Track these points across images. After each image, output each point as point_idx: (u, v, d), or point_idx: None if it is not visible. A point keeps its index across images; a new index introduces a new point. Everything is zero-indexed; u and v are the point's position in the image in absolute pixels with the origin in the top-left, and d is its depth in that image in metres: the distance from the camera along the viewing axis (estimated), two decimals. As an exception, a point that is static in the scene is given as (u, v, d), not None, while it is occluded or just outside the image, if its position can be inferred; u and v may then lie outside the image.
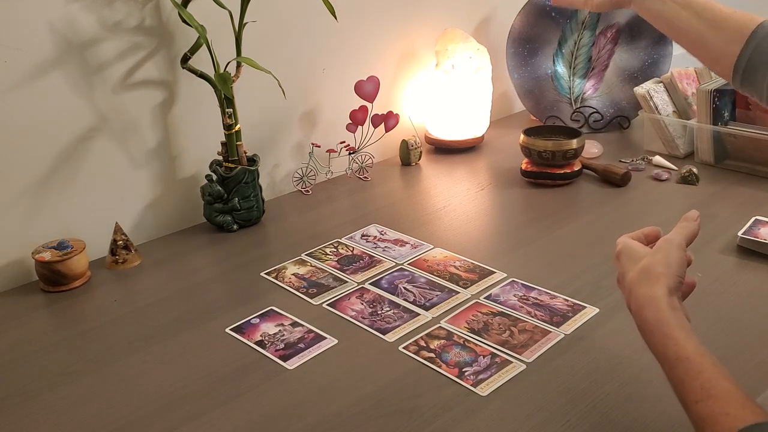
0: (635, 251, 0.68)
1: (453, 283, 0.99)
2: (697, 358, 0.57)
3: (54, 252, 1.02)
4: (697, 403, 0.54)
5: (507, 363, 0.80)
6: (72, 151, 1.09)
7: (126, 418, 0.76)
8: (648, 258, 0.66)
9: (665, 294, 0.62)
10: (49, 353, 0.88)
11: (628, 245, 0.70)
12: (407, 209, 1.26)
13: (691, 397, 0.55)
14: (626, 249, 0.69)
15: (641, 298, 0.63)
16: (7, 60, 0.99)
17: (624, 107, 1.59)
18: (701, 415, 0.54)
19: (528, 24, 1.59)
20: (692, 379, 0.56)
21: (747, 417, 0.51)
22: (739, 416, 0.51)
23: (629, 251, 0.69)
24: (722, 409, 0.52)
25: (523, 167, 1.34)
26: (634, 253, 0.68)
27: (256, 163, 1.20)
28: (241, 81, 1.15)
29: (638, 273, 0.65)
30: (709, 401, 0.54)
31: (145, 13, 1.11)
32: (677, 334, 0.59)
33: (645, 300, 0.63)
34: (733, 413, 0.52)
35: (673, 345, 0.59)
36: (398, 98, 1.54)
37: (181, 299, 1.00)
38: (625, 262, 0.68)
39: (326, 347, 0.86)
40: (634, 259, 0.67)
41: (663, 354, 0.59)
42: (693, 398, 0.55)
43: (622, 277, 0.68)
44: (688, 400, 0.56)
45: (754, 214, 1.10)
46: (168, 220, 1.22)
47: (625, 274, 0.67)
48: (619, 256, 0.70)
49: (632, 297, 0.65)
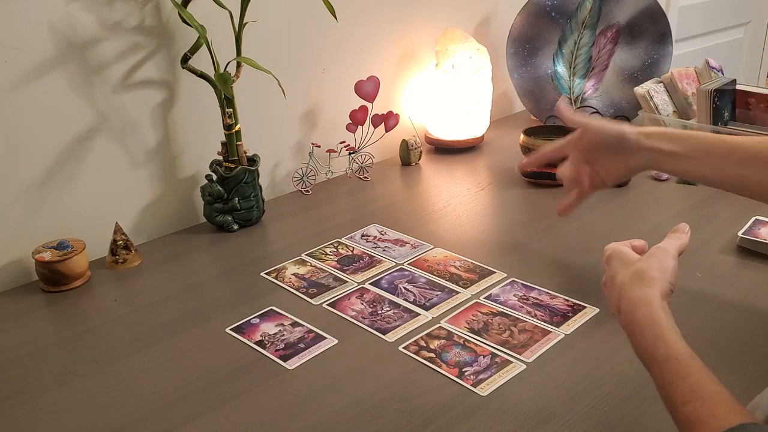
0: (627, 256, 0.69)
1: (453, 283, 0.99)
2: (687, 360, 0.57)
3: (54, 252, 1.02)
4: (685, 405, 0.54)
5: (507, 363, 0.80)
6: (72, 151, 1.09)
7: (126, 418, 0.76)
8: (642, 262, 0.66)
9: (658, 297, 0.62)
10: (49, 353, 0.88)
11: (619, 250, 0.70)
12: (407, 209, 1.26)
13: (679, 398, 0.55)
14: (617, 253, 0.70)
15: (633, 298, 0.63)
16: (7, 60, 0.99)
17: (624, 107, 1.59)
18: (688, 417, 0.54)
19: (528, 24, 1.59)
20: (681, 381, 0.56)
21: (734, 419, 0.51)
22: (726, 418, 0.51)
23: (621, 255, 0.69)
24: (710, 411, 0.52)
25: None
26: (626, 257, 0.69)
27: (256, 163, 1.20)
28: (241, 81, 1.15)
29: (631, 275, 0.65)
30: (698, 403, 0.53)
31: (145, 13, 1.11)
32: (668, 335, 0.59)
33: (638, 300, 0.63)
34: (721, 415, 0.52)
35: (663, 346, 0.58)
36: (398, 98, 1.54)
37: (181, 299, 1.00)
38: (615, 265, 0.69)
39: (326, 347, 0.86)
40: (625, 263, 0.68)
41: (652, 355, 0.59)
42: (681, 399, 0.55)
43: (611, 280, 0.68)
44: (676, 402, 0.55)
45: (754, 214, 1.10)
46: (168, 220, 1.22)
47: (615, 276, 0.67)
48: (609, 260, 0.70)
49: (623, 298, 0.64)
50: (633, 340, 0.62)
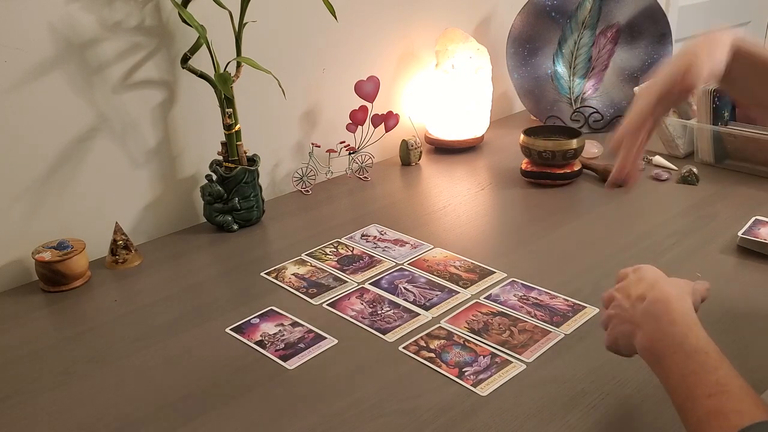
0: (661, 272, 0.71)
1: (453, 283, 0.99)
2: (716, 355, 0.58)
3: (54, 252, 1.02)
4: (710, 397, 0.54)
5: (507, 363, 0.80)
6: (72, 151, 1.09)
7: (126, 418, 0.76)
8: (675, 279, 0.69)
9: (691, 302, 0.65)
10: (49, 353, 0.88)
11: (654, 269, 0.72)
12: (407, 209, 1.26)
13: (703, 390, 0.55)
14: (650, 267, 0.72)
15: (670, 291, 0.65)
16: (7, 60, 0.99)
17: (624, 107, 1.59)
18: (711, 410, 0.54)
19: (528, 24, 1.59)
20: (708, 373, 0.56)
21: (758, 416, 0.51)
22: (750, 414, 0.51)
23: (654, 268, 0.71)
24: (734, 406, 0.53)
25: (523, 167, 1.34)
26: (659, 271, 0.71)
27: (256, 163, 1.20)
28: (241, 81, 1.15)
29: (665, 278, 0.68)
30: (723, 396, 0.54)
31: (145, 13, 1.11)
32: (700, 330, 0.61)
33: (673, 294, 0.64)
34: (746, 411, 0.52)
35: (694, 338, 0.60)
36: (398, 98, 1.54)
37: (181, 299, 1.00)
38: (647, 268, 0.71)
39: (326, 347, 0.86)
40: (659, 273, 0.70)
41: (679, 343, 0.60)
42: (706, 391, 0.55)
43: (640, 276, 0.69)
44: (699, 393, 0.55)
45: (754, 214, 1.10)
46: (168, 220, 1.22)
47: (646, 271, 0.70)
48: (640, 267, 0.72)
49: (656, 289, 0.66)
50: (658, 330, 0.63)
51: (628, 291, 0.68)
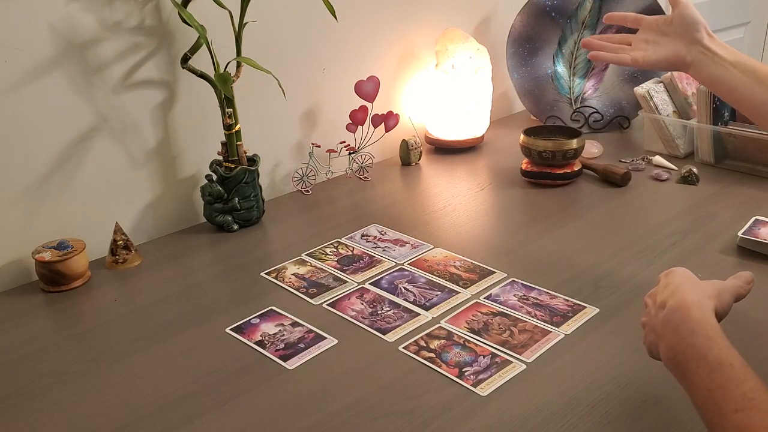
0: (692, 275, 0.69)
1: (453, 283, 0.99)
2: (741, 367, 0.56)
3: (54, 252, 1.02)
4: (738, 412, 0.53)
5: (507, 363, 0.80)
6: (72, 151, 1.09)
7: (126, 418, 0.76)
8: (702, 282, 0.67)
9: (713, 307, 0.63)
10: (49, 353, 0.88)
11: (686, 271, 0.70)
12: (407, 209, 1.26)
13: (731, 405, 0.54)
14: (682, 269, 0.70)
15: (690, 299, 0.63)
16: (7, 60, 0.99)
17: (624, 107, 1.59)
18: (740, 425, 0.52)
19: (528, 24, 1.59)
20: (735, 387, 0.54)
21: None
22: None
23: (685, 271, 0.70)
24: (763, 422, 0.51)
25: (523, 167, 1.34)
26: (690, 274, 0.69)
27: (256, 163, 1.20)
28: (241, 81, 1.15)
29: (690, 282, 0.66)
30: (751, 411, 0.52)
31: (145, 13, 1.11)
32: (722, 339, 0.59)
33: (694, 302, 0.62)
34: None
35: (717, 348, 0.58)
36: (398, 98, 1.54)
37: (181, 299, 1.00)
38: (677, 272, 0.70)
39: (326, 347, 0.86)
40: (687, 277, 0.68)
41: (703, 355, 0.58)
42: (733, 407, 0.54)
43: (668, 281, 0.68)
44: (727, 408, 0.54)
45: (754, 214, 1.10)
46: (168, 220, 1.22)
47: (675, 276, 0.68)
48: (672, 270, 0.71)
49: (676, 295, 0.64)
50: (680, 340, 0.61)
51: (655, 297, 0.68)
